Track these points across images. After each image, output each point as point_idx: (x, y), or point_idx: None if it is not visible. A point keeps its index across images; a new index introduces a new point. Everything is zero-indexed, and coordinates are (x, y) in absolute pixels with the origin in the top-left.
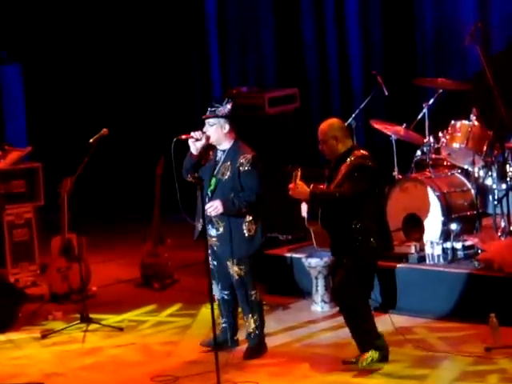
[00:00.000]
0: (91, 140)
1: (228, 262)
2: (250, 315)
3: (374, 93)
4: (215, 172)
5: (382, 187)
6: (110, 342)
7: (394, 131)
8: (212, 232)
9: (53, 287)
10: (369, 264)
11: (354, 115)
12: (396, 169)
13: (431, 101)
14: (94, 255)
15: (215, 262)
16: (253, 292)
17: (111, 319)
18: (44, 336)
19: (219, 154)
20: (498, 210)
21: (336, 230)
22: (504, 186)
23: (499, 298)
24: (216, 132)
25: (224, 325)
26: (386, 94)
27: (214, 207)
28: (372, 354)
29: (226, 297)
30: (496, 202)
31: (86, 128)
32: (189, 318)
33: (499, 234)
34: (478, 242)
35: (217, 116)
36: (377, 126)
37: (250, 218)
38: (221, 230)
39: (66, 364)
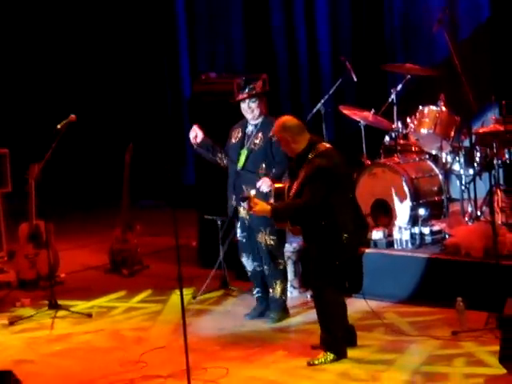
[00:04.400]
0: (59, 126)
1: (260, 233)
2: (279, 282)
3: (343, 78)
4: (246, 144)
5: (348, 180)
6: (79, 328)
7: (362, 117)
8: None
9: (21, 274)
10: (343, 260)
11: (322, 101)
12: (364, 154)
13: (399, 86)
14: (62, 242)
15: (245, 234)
16: (281, 261)
17: (80, 306)
18: (12, 323)
19: (250, 127)
20: (466, 196)
21: (306, 227)
22: (471, 172)
23: (466, 283)
24: (257, 107)
25: (258, 295)
26: (355, 79)
27: (265, 183)
28: (327, 357)
29: (257, 268)
30: (463, 188)
31: (54, 114)
32: (159, 304)
33: (466, 219)
34: (445, 227)
35: (256, 93)
36: (345, 111)
37: None
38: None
39: (35, 351)
